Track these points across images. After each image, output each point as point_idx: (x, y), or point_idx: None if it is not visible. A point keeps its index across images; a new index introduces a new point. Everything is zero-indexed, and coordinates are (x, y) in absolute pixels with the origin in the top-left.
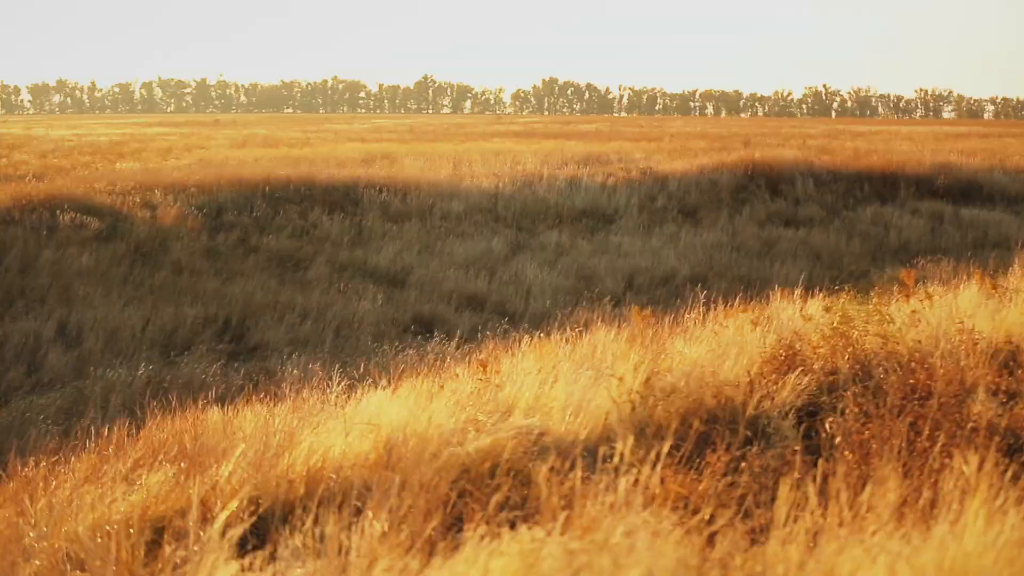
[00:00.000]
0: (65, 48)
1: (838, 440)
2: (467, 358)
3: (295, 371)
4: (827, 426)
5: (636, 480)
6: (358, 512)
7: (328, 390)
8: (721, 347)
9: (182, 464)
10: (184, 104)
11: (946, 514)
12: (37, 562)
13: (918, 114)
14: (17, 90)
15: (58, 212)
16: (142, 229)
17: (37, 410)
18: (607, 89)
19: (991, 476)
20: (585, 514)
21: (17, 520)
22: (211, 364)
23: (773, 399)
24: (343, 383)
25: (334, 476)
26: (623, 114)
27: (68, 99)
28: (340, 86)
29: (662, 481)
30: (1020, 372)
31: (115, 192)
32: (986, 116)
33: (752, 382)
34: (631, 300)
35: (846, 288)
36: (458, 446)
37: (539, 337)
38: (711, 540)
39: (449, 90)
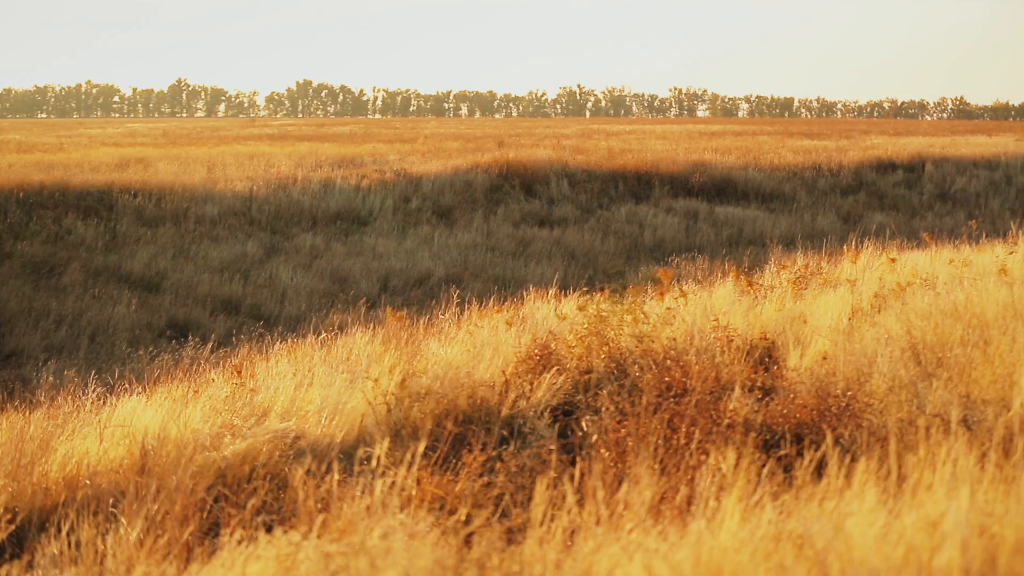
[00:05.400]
0: None
1: (594, 438)
2: (222, 363)
3: (50, 378)
4: (583, 425)
5: (393, 482)
6: (115, 518)
7: (83, 396)
8: (476, 348)
9: None
10: None
11: (703, 510)
12: None
13: (673, 113)
14: None
15: None
16: None
17: None
18: (361, 91)
19: (748, 472)
20: (342, 516)
21: None
22: None
23: (529, 399)
24: (98, 389)
25: (89, 483)
26: (377, 116)
27: None
28: (94, 90)
29: (418, 482)
30: (775, 368)
31: None
32: (740, 114)
33: (507, 382)
34: (386, 302)
35: (601, 287)
36: (214, 451)
37: (294, 340)
38: (468, 541)
39: (203, 93)
